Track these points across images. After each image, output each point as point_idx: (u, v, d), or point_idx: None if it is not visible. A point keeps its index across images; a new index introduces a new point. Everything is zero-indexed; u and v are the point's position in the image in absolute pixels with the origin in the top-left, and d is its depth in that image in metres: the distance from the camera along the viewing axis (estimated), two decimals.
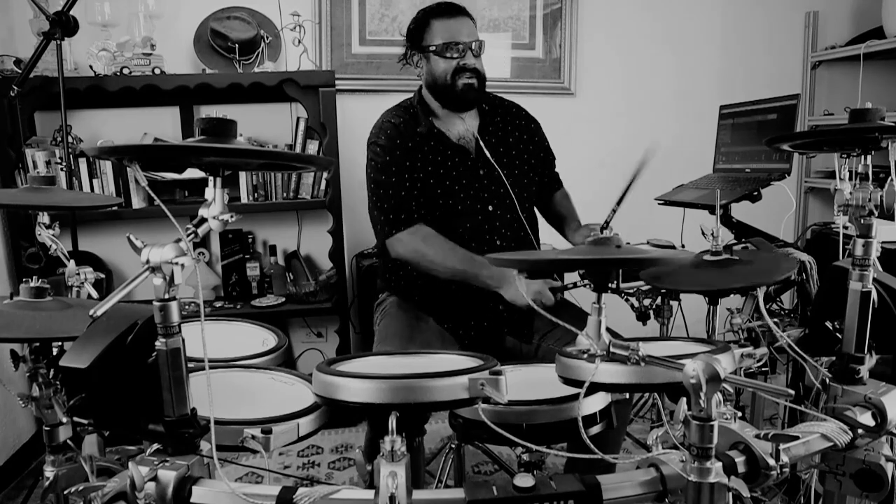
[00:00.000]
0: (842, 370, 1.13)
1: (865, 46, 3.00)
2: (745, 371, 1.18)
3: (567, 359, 0.95)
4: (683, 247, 2.26)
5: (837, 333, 1.18)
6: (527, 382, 1.22)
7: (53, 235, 1.34)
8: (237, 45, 2.69)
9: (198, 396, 0.90)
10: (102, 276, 1.47)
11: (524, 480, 0.83)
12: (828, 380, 1.14)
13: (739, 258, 1.40)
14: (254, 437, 0.93)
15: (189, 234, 0.87)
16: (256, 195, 2.76)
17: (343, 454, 2.55)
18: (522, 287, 1.65)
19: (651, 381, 0.89)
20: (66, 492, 1.07)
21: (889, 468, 1.05)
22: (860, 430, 1.03)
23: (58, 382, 1.12)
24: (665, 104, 3.31)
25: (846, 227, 1.17)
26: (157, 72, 2.53)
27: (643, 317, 1.99)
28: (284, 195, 2.79)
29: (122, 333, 0.88)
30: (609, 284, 0.93)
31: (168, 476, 0.83)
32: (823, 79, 3.40)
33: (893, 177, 1.07)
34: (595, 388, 0.93)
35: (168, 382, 0.86)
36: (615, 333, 1.01)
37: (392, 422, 0.83)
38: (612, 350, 0.87)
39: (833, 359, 1.16)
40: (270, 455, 1.03)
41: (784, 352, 1.24)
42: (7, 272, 2.47)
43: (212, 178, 0.88)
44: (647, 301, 1.98)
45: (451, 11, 1.86)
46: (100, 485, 0.86)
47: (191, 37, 2.76)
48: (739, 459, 0.88)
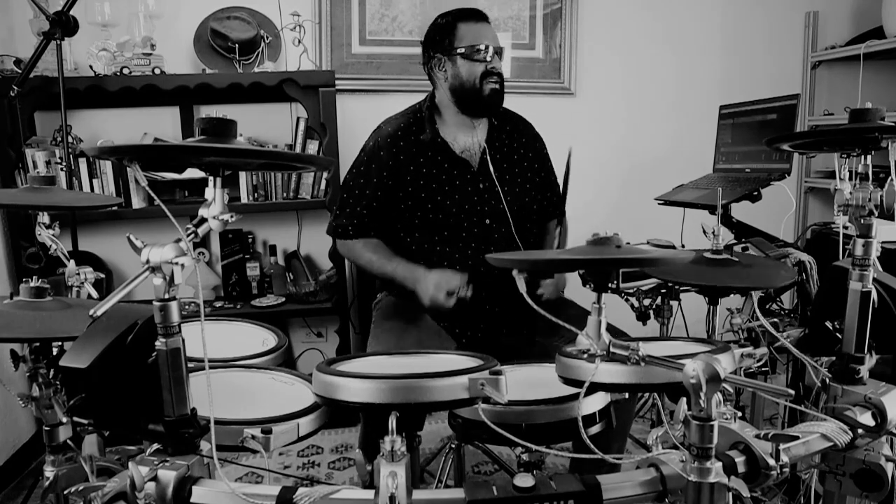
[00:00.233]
0: (842, 370, 1.13)
1: (865, 46, 3.00)
2: (745, 371, 1.18)
3: (567, 359, 0.95)
4: (683, 247, 2.26)
5: (837, 333, 1.18)
6: (527, 382, 1.22)
7: (53, 235, 1.34)
8: (237, 45, 2.69)
9: (198, 396, 0.90)
10: (102, 276, 1.47)
11: (524, 480, 0.83)
12: (828, 380, 1.14)
13: (739, 261, 1.40)
14: (254, 437, 0.93)
15: (189, 234, 0.87)
16: (256, 195, 2.76)
17: (343, 454, 2.55)
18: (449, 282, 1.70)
19: (651, 381, 0.89)
20: (66, 492, 1.07)
21: (889, 468, 1.05)
22: (860, 430, 1.03)
23: (58, 382, 1.12)
24: (665, 104, 3.31)
25: (846, 227, 1.17)
26: (157, 72, 2.53)
27: (643, 317, 1.99)
28: (284, 195, 2.79)
29: (122, 333, 0.88)
30: (609, 284, 0.93)
31: (168, 476, 0.83)
32: (823, 79, 3.40)
33: (893, 177, 1.07)
34: (595, 388, 0.93)
35: (168, 382, 0.86)
36: (617, 330, 1.01)
37: (392, 422, 0.83)
38: (612, 350, 0.87)
39: (833, 359, 1.16)
40: (270, 455, 1.04)
41: (784, 352, 1.24)
42: (7, 272, 2.47)
43: (212, 178, 0.88)
44: (647, 301, 1.98)
45: (477, 16, 1.89)
46: (100, 485, 0.86)
47: (191, 37, 2.76)
48: (739, 459, 0.88)
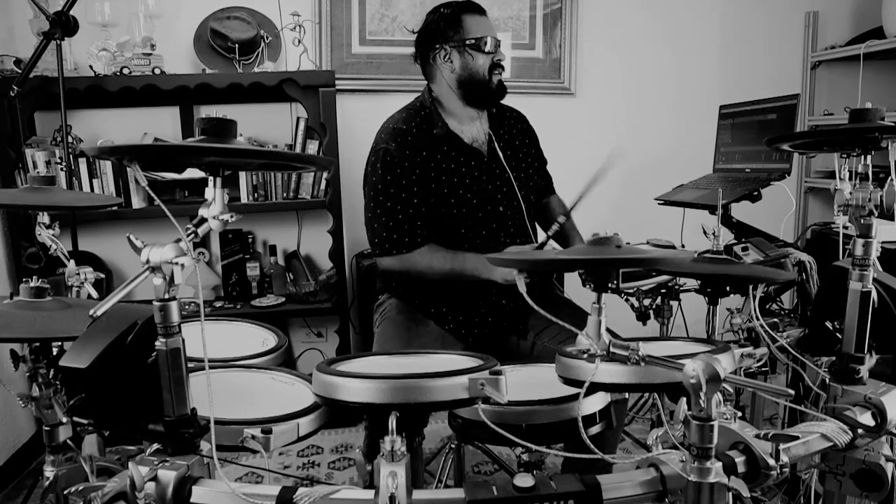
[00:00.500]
0: (842, 370, 1.13)
1: (865, 46, 3.00)
2: (745, 371, 1.18)
3: (567, 359, 0.95)
4: (683, 247, 2.26)
5: (837, 333, 1.18)
6: (526, 382, 1.22)
7: (53, 235, 1.34)
8: (237, 45, 2.69)
9: (198, 396, 0.90)
10: (102, 276, 1.47)
11: (524, 480, 0.83)
12: (828, 380, 1.14)
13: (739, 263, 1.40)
14: (254, 437, 0.93)
15: (189, 234, 0.87)
16: (256, 195, 2.76)
17: (343, 454, 2.55)
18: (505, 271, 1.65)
19: (651, 381, 0.89)
20: (66, 492, 1.06)
21: (889, 468, 1.05)
22: (860, 430, 1.03)
23: (58, 382, 1.12)
24: (665, 104, 3.31)
25: (846, 227, 1.16)
26: (157, 72, 2.53)
27: (643, 317, 2.00)
28: (284, 195, 2.79)
29: (122, 333, 0.88)
30: (609, 284, 0.93)
31: (168, 476, 0.83)
32: (823, 79, 3.40)
33: (893, 177, 1.07)
34: (595, 388, 0.93)
35: (168, 382, 0.86)
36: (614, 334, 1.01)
37: (392, 422, 0.83)
38: (612, 350, 0.87)
39: (833, 359, 1.16)
40: (270, 455, 1.04)
41: (784, 351, 1.24)
42: (7, 272, 2.47)
43: (212, 178, 0.88)
44: (647, 301, 1.98)
45: (479, 9, 1.90)
46: (100, 485, 0.86)
47: (191, 37, 2.76)
48: (739, 459, 0.88)
